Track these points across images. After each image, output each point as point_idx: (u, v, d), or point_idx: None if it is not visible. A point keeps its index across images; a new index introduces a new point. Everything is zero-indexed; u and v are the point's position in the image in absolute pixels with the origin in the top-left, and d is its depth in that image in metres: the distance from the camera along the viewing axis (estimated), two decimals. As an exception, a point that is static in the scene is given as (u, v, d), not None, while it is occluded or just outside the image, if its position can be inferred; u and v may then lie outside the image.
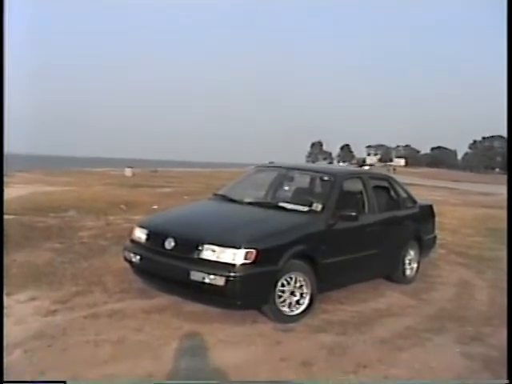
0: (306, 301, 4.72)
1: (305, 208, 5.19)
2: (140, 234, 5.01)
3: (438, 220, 7.62)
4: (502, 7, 4.40)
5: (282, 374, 3.59)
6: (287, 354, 3.90)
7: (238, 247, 4.30)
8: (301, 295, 4.69)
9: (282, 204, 5.36)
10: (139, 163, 47.29)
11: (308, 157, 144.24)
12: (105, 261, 6.30)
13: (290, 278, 4.61)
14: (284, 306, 4.59)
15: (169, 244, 4.62)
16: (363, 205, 5.71)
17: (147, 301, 4.89)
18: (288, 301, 4.61)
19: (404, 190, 6.70)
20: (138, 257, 4.87)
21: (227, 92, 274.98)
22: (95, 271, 5.82)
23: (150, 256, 4.79)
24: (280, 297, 4.55)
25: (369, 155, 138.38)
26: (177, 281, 4.55)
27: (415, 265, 6.46)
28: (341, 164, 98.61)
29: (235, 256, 4.28)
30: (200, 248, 4.42)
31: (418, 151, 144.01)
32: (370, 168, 56.38)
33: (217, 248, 4.36)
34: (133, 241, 5.10)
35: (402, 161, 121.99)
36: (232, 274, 4.23)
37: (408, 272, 6.35)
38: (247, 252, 4.29)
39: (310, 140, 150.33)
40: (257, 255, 4.30)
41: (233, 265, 4.26)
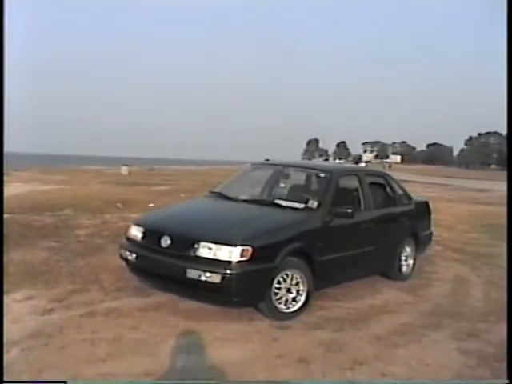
0: (303, 298, 4.72)
1: (301, 205, 5.19)
2: (136, 232, 5.00)
3: (434, 216, 7.63)
4: (502, 6, 4.42)
5: (279, 371, 3.59)
6: (284, 351, 3.90)
7: (234, 245, 4.30)
8: (297, 292, 4.70)
9: (278, 201, 5.36)
10: (136, 161, 47.20)
11: (304, 154, 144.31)
12: (101, 259, 6.30)
13: (287, 275, 4.62)
14: (280, 303, 4.59)
15: (165, 242, 4.61)
16: (359, 202, 5.71)
17: (143, 299, 4.89)
18: (284, 298, 4.62)
19: (400, 187, 6.71)
20: (134, 255, 4.87)
21: (224, 91, 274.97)
22: (91, 269, 5.81)
23: (146, 254, 4.78)
24: (276, 294, 4.55)
25: (365, 152, 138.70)
26: (173, 278, 4.54)
27: (411, 261, 6.48)
28: (337, 161, 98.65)
29: (231, 253, 4.28)
30: (196, 246, 4.41)
31: (414, 148, 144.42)
32: (366, 165, 56.50)
33: (213, 246, 4.35)
34: (129, 239, 5.09)
35: (398, 157, 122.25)
36: (228, 272, 4.23)
37: (404, 269, 6.36)
38: (243, 249, 4.29)
39: (306, 137, 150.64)
40: (253, 253, 4.30)
41: (229, 262, 4.26)
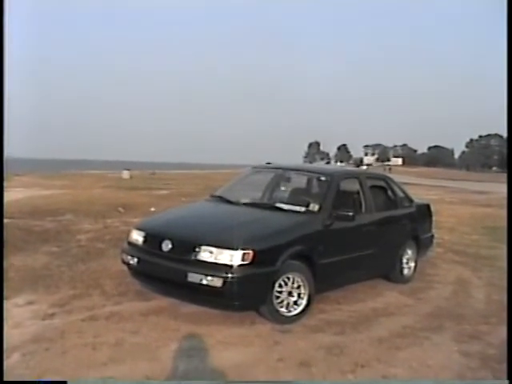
0: (304, 301, 4.72)
1: (302, 208, 5.19)
2: (137, 237, 5.01)
3: (435, 218, 7.63)
4: (502, 6, 4.44)
5: (281, 375, 3.59)
6: (285, 355, 3.90)
7: (236, 248, 4.30)
8: (298, 296, 4.70)
9: (279, 205, 5.36)
10: (137, 165, 47.25)
11: (305, 157, 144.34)
12: (102, 263, 6.30)
13: (288, 279, 4.62)
14: (282, 307, 4.59)
15: (166, 246, 4.62)
16: (360, 205, 5.72)
17: (145, 303, 4.89)
18: (286, 301, 4.61)
19: (401, 190, 6.71)
20: (136, 259, 4.87)
21: (225, 94, 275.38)
22: (93, 274, 5.81)
23: (148, 258, 4.78)
24: (278, 297, 4.55)
25: (366, 155, 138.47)
26: (174, 283, 4.54)
27: (413, 264, 6.47)
28: (338, 164, 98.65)
29: (232, 257, 4.27)
30: (197, 249, 4.41)
31: (415, 150, 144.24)
32: (367, 168, 56.51)
33: (214, 249, 4.35)
34: (130, 243, 5.09)
35: (400, 160, 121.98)
36: (229, 275, 4.22)
37: (406, 271, 6.36)
38: (244, 253, 4.28)
39: (308, 140, 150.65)
40: (254, 256, 4.30)
41: (230, 266, 4.26)
